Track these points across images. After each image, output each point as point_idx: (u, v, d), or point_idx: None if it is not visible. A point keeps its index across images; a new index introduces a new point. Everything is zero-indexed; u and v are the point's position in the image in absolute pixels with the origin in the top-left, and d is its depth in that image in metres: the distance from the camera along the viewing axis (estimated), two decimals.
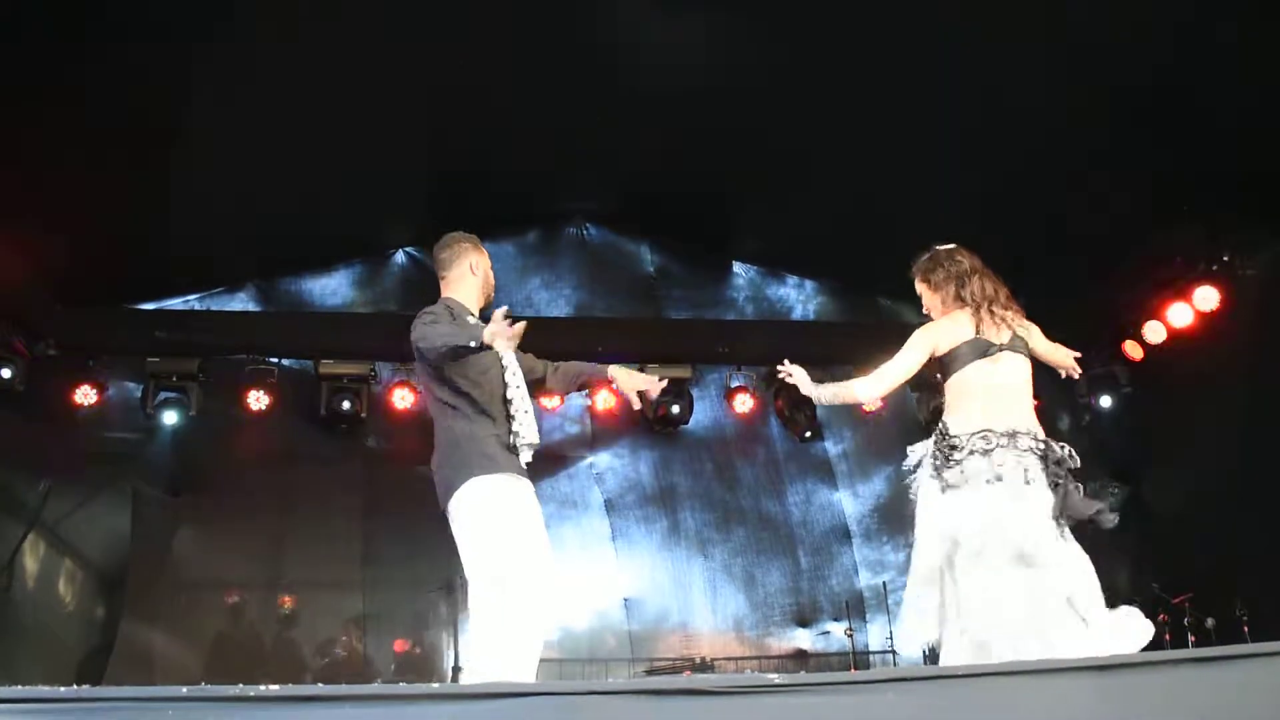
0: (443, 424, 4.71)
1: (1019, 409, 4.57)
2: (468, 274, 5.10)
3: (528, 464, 4.71)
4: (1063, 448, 4.55)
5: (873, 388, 4.74)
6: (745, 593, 11.94)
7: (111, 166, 8.77)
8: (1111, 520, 4.62)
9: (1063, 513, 4.44)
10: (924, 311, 4.97)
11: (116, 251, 9.79)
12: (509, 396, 4.68)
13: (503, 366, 4.74)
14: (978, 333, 4.61)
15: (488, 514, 4.51)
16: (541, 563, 4.52)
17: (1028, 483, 4.41)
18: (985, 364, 4.58)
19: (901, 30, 8.12)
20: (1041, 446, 4.49)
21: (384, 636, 11.04)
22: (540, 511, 4.67)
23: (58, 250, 9.18)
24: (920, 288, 4.93)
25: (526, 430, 4.65)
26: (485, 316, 4.78)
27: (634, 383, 5.11)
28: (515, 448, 4.62)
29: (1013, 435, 4.45)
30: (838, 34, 8.29)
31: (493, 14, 8.33)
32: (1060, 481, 4.44)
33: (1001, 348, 4.60)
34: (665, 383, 5.23)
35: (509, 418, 4.65)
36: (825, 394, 4.84)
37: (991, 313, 4.66)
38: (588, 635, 11.53)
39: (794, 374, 4.94)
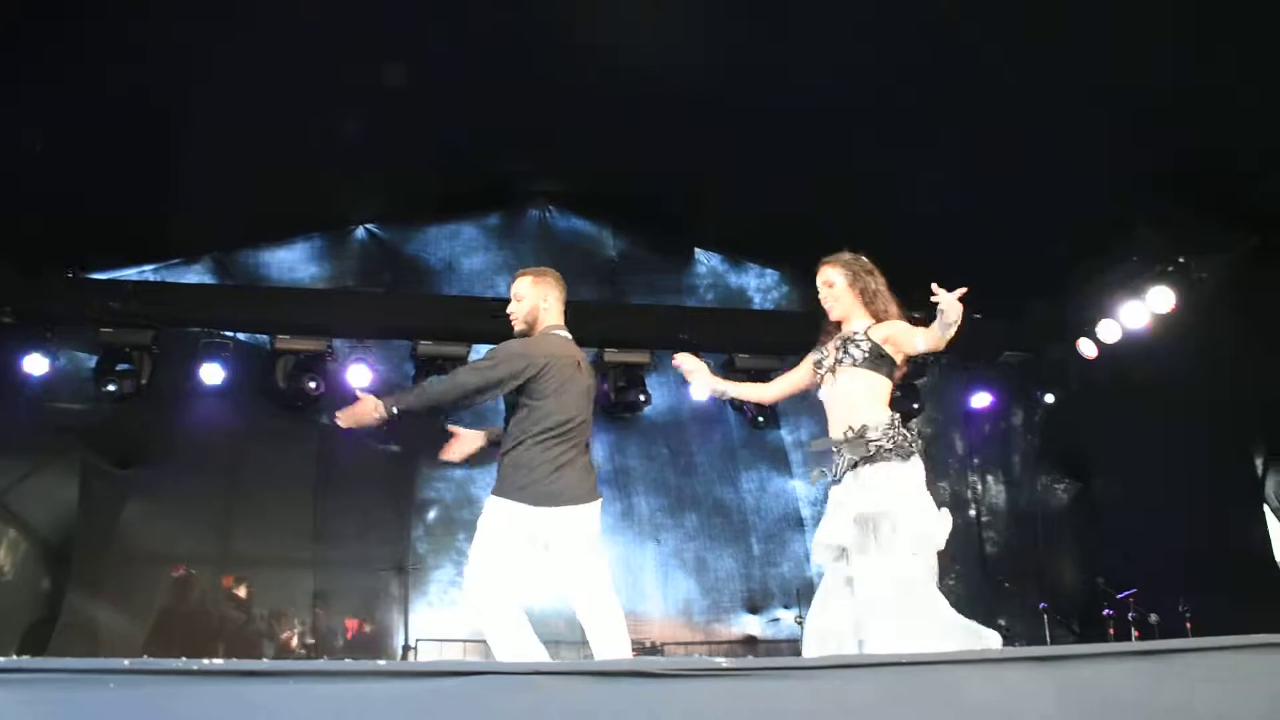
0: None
1: None
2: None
3: None
4: None
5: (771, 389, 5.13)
6: (696, 578, 11.98)
7: (70, 135, 8.65)
8: None
9: None
10: (822, 299, 5.08)
11: (72, 220, 9.66)
12: None
13: None
14: None
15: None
16: None
17: None
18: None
19: (867, 21, 8.14)
20: None
21: (334, 614, 11.01)
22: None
23: (13, 218, 9.05)
24: (841, 280, 5.01)
25: None
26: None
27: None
28: None
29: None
30: (806, 23, 8.28)
31: None
32: None
33: None
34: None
35: None
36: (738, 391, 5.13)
37: None
38: (537, 617, 11.45)
39: (685, 365, 5.16)
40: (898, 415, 4.80)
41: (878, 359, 4.83)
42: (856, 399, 4.87)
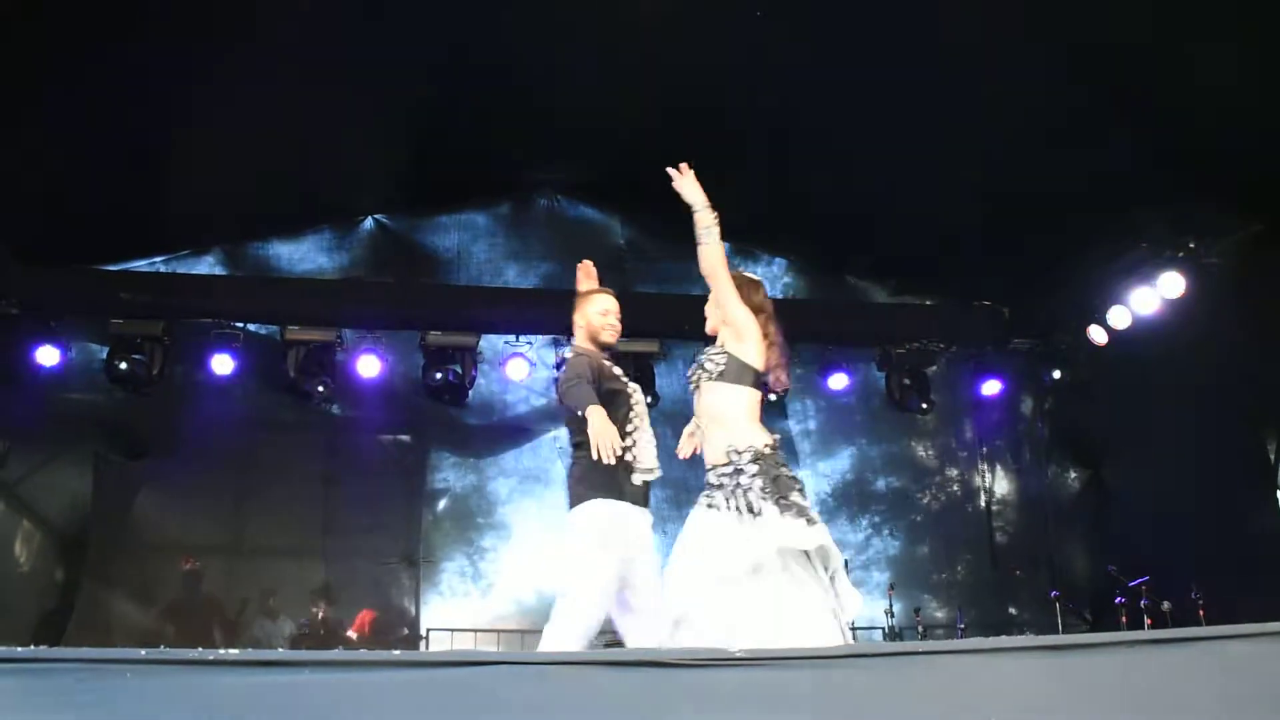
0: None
1: None
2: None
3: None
4: None
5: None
6: None
7: (77, 127, 8.67)
8: None
9: None
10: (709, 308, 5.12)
11: (81, 212, 9.69)
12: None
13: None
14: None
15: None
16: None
17: None
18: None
19: (881, 14, 8.12)
20: None
21: (346, 604, 11.01)
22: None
23: (21, 209, 9.08)
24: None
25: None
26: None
27: None
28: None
29: None
30: (818, 13, 8.26)
31: None
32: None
33: None
34: None
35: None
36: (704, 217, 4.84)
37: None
38: (551, 607, 11.54)
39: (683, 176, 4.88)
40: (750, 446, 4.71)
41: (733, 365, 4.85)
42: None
